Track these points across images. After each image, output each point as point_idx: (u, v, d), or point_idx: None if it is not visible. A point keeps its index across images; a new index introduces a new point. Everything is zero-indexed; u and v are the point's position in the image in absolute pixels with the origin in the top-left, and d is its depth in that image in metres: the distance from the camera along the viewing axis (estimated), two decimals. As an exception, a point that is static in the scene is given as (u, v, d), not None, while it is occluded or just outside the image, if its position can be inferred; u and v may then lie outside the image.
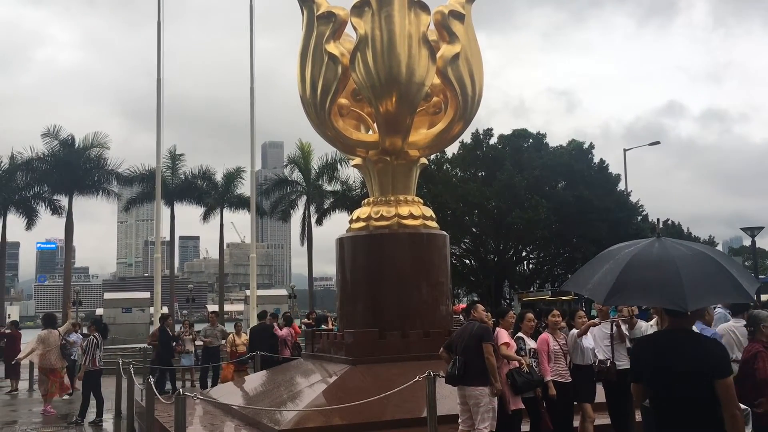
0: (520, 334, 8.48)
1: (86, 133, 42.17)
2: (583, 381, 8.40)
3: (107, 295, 47.05)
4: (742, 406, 5.01)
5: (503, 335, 8.03)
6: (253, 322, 31.24)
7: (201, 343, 18.01)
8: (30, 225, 42.26)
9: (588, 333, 8.63)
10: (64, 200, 41.34)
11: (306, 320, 20.78)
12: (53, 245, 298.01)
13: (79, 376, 13.75)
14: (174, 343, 17.33)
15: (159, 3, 31.31)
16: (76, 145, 40.73)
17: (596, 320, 8.74)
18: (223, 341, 17.76)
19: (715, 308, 9.50)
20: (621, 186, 39.45)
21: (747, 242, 27.34)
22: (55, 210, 41.97)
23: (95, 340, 13.35)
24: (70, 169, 39.44)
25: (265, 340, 15.74)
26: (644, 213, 41.98)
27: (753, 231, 26.82)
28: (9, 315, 52.10)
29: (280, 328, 16.55)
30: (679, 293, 3.98)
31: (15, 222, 42.98)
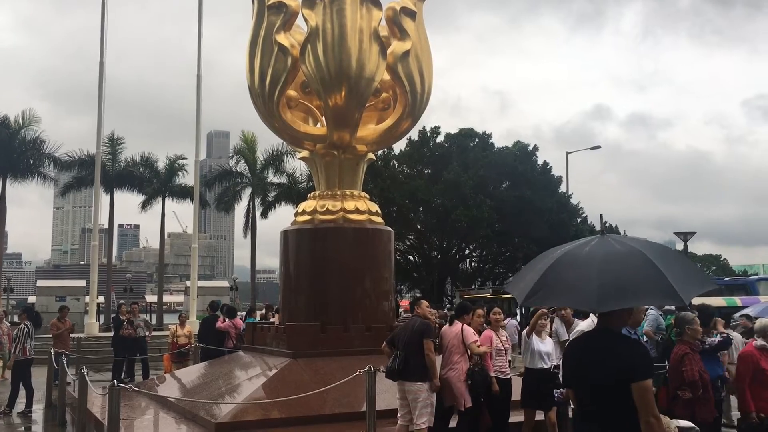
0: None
1: (16, 113, 40.48)
2: (536, 386, 8.19)
3: (40, 283, 45.50)
4: (688, 424, 4.83)
5: (469, 332, 8.12)
6: (194, 313, 30.87)
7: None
8: (-42, 207, 40.46)
9: (545, 336, 8.54)
10: (-5, 184, 39.74)
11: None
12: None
13: (8, 365, 13.32)
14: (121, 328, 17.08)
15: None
16: (11, 127, 39.19)
17: (543, 310, 8.61)
18: (147, 333, 17.60)
19: (647, 309, 9.79)
20: (562, 188, 40.37)
21: (679, 246, 28.31)
22: (-15, 193, 40.31)
23: (26, 328, 12.97)
24: (3, 151, 37.94)
25: (214, 332, 15.59)
26: (583, 215, 43.08)
27: (686, 236, 27.70)
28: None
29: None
30: (589, 294, 3.78)
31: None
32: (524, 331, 8.59)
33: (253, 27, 11.53)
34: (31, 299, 50.35)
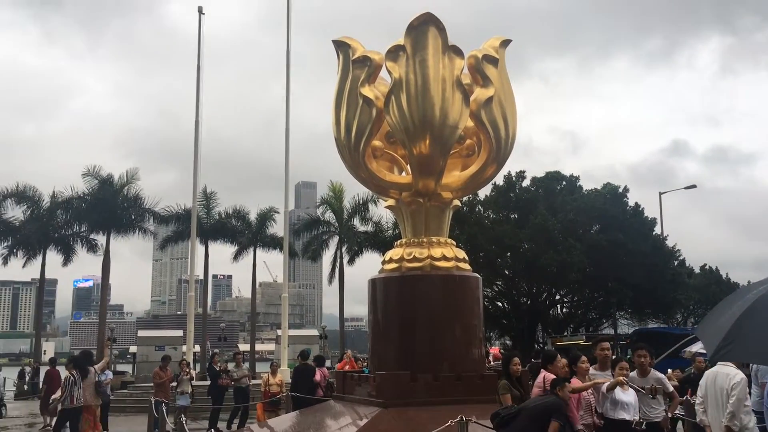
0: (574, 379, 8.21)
1: (120, 172, 43.10)
2: None
3: (141, 333, 47.42)
4: None
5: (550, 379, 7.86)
6: (285, 362, 31.29)
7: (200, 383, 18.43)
8: (67, 262, 43.18)
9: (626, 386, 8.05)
10: (101, 238, 42.21)
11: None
12: (90, 282, 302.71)
13: (53, 411, 13.88)
14: (219, 378, 17.71)
15: (199, 49, 32.27)
16: (114, 185, 41.69)
17: (625, 363, 8.37)
18: (249, 381, 18.18)
19: None
20: (657, 230, 38.93)
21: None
22: (92, 248, 42.81)
23: (72, 377, 13.45)
24: (108, 207, 40.32)
25: (307, 381, 15.77)
26: (681, 257, 41.27)
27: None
28: (45, 351, 52.87)
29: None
30: None
31: (52, 259, 43.93)
32: (603, 386, 8.04)
33: (338, 81, 11.88)
34: (133, 349, 52.47)
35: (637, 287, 35.18)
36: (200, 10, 32.92)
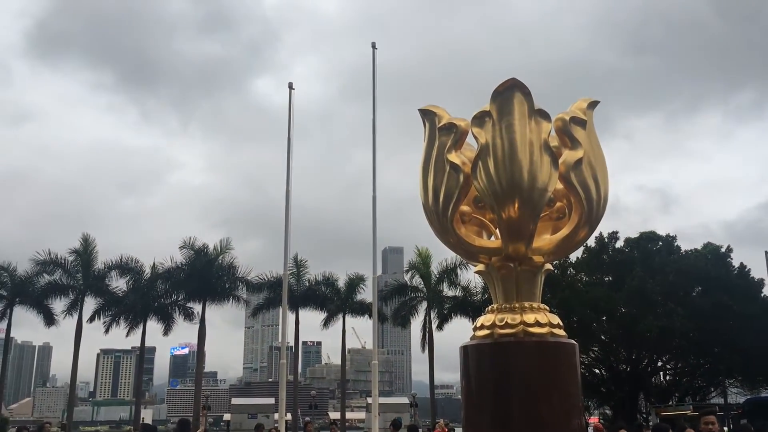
0: None
1: (215, 242, 44.92)
2: None
3: (234, 401, 48.31)
4: None
5: None
6: (376, 431, 30.81)
7: None
8: (167, 331, 44.83)
9: None
10: (196, 306, 43.72)
11: None
12: (186, 350, 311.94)
13: None
14: None
15: (289, 123, 33.61)
16: (209, 255, 43.36)
17: None
18: None
19: None
20: (765, 291, 36.62)
21: None
22: (188, 316, 44.37)
23: None
24: (204, 277, 41.84)
25: None
26: (794, 320, 38.47)
27: None
28: (143, 419, 54.40)
29: None
30: None
31: (150, 327, 45.74)
32: None
33: (425, 148, 12.03)
34: (226, 416, 53.32)
35: (746, 353, 32.99)
36: (290, 86, 34.43)
